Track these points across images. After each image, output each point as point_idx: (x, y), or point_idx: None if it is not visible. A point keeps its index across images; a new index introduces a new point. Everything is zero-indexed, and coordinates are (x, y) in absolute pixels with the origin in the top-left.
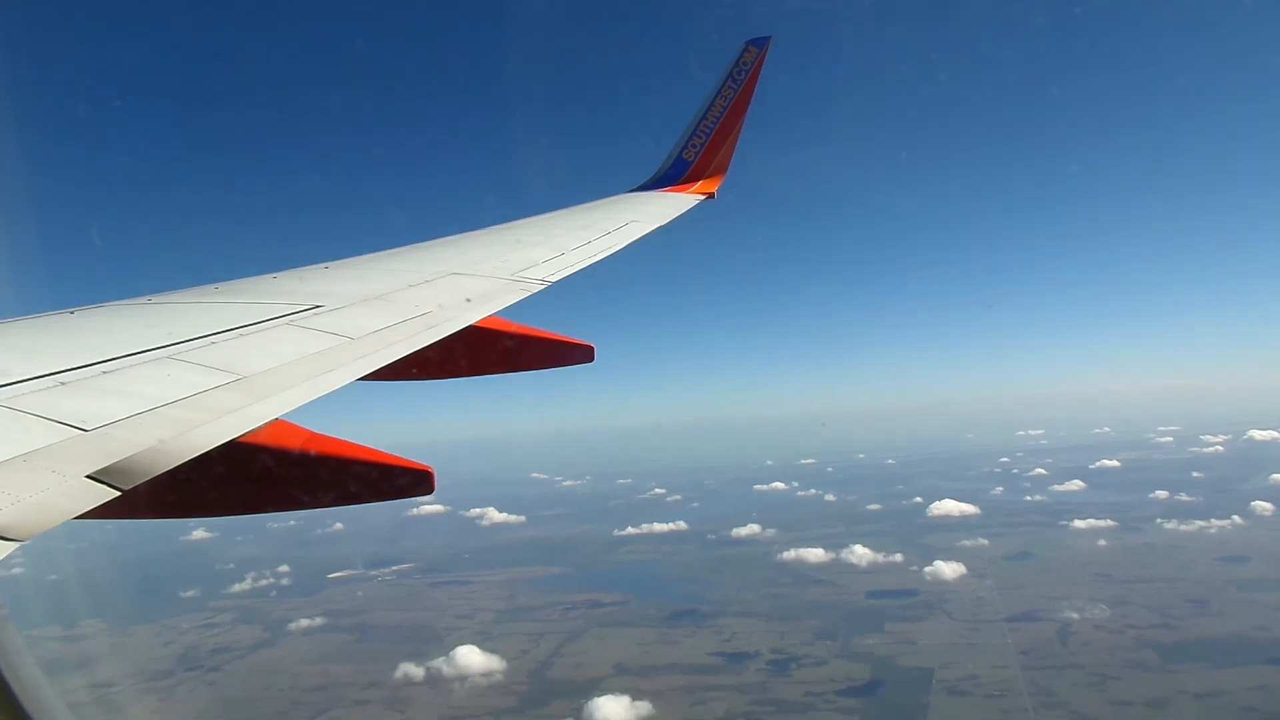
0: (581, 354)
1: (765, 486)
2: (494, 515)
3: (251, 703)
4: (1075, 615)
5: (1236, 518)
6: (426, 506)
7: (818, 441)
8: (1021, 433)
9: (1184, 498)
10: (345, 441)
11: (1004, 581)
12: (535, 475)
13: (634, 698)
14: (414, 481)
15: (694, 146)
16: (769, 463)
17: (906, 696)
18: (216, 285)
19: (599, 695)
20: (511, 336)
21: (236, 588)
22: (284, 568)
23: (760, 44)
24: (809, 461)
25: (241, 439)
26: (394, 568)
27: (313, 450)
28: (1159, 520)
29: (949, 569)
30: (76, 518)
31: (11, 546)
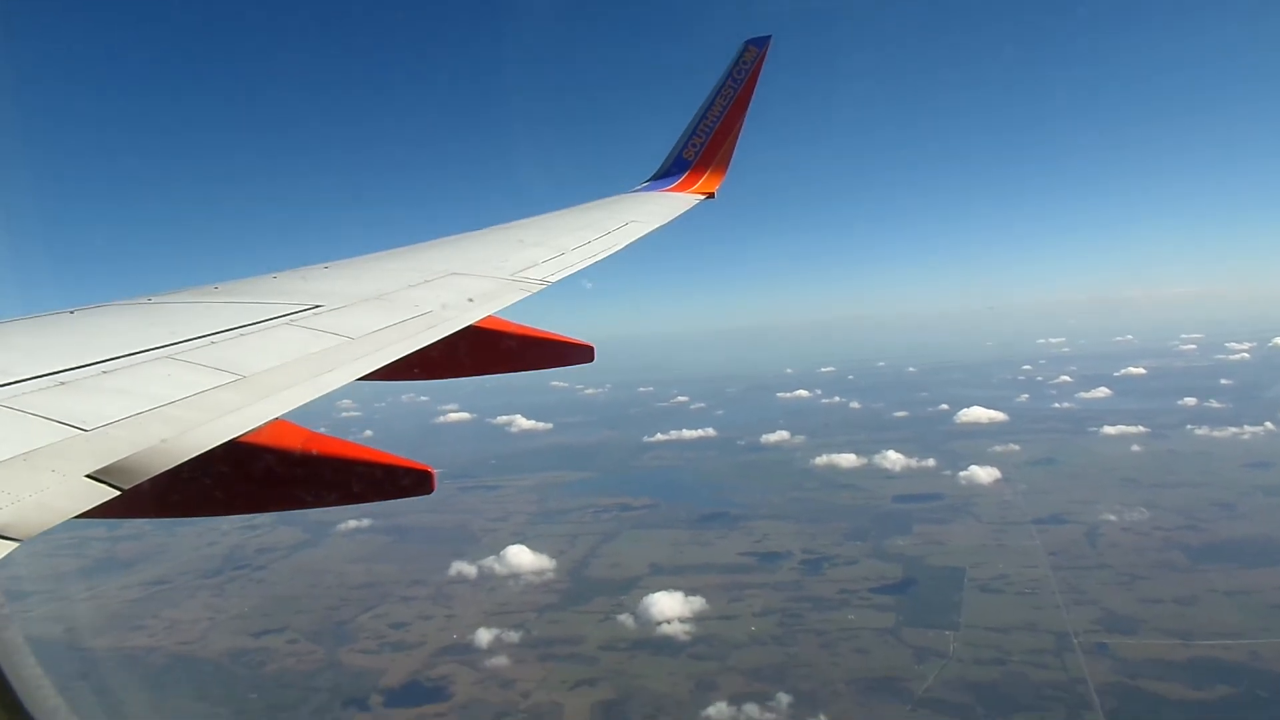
0: (581, 354)
1: (788, 394)
2: (522, 422)
3: (300, 599)
4: (1104, 518)
5: (1269, 424)
6: (454, 414)
7: (837, 349)
8: (1042, 340)
9: (1213, 404)
10: (344, 441)
11: (1031, 486)
12: (554, 384)
13: (686, 594)
14: (414, 481)
15: (694, 146)
16: (789, 370)
17: (939, 594)
18: (216, 285)
19: (638, 592)
20: (511, 336)
21: None
22: None
23: (760, 43)
24: (829, 369)
25: (241, 438)
26: None
27: (312, 450)
28: (1189, 427)
29: (983, 473)
30: (77, 517)
31: (11, 546)
